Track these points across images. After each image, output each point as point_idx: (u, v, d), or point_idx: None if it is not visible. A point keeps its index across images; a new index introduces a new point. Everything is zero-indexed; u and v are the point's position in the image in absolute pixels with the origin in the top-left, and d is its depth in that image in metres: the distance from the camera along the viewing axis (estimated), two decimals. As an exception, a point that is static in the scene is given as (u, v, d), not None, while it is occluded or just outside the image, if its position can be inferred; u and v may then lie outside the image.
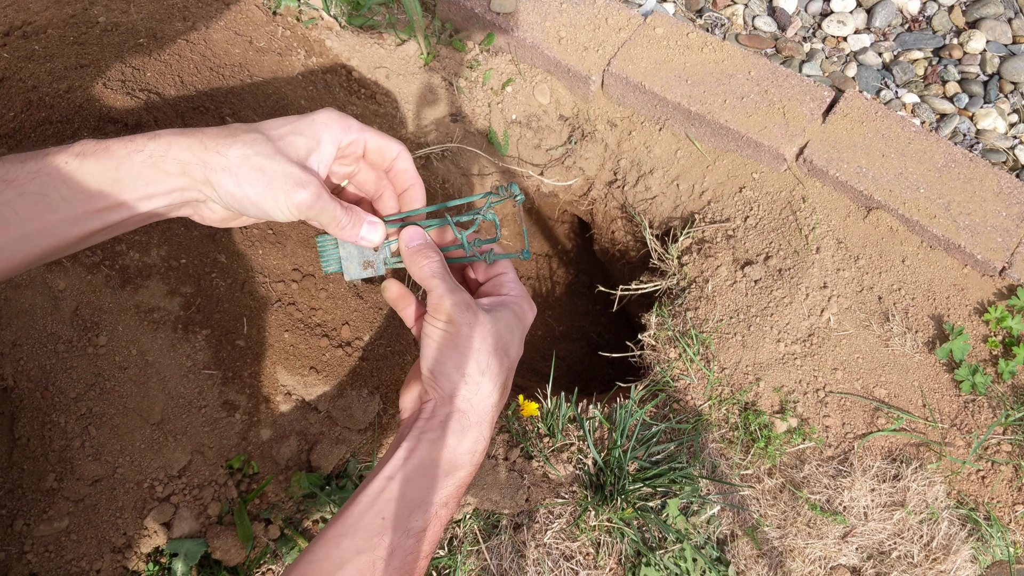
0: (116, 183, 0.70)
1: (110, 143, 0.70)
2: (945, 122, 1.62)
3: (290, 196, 0.74)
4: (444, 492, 0.75)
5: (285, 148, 0.75)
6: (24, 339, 1.13)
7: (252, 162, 0.72)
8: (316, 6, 1.49)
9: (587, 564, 1.21)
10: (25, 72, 1.16)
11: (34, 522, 1.11)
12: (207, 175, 0.72)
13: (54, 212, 0.68)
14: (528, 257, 0.89)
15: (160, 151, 0.71)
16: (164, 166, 0.71)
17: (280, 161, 0.74)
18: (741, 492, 1.27)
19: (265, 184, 0.73)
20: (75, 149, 0.69)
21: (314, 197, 0.75)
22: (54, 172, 0.68)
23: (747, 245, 1.45)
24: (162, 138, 0.71)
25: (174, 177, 0.72)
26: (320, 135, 0.78)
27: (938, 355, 1.35)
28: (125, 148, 0.70)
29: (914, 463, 1.28)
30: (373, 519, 0.72)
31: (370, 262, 0.86)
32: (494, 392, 0.78)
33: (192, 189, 0.73)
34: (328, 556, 0.70)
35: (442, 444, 0.75)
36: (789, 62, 1.70)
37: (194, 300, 1.22)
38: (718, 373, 1.36)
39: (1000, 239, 1.37)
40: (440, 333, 0.77)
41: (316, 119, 0.78)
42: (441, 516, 0.75)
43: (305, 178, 0.74)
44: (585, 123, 1.61)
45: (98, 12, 1.25)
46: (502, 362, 0.79)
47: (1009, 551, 1.23)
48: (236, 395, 1.23)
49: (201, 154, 0.72)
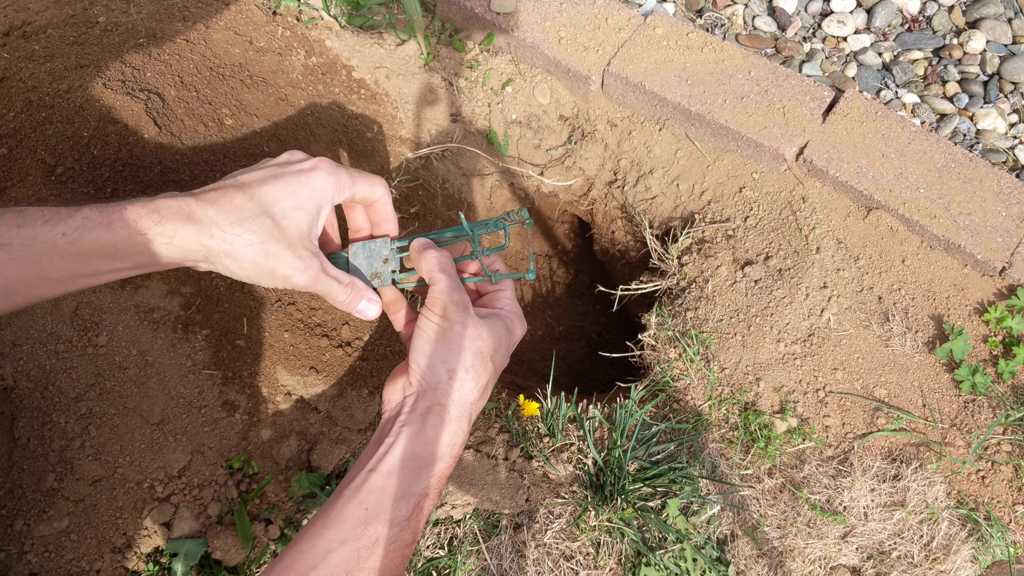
0: (113, 258, 0.72)
1: (112, 218, 0.71)
2: (945, 122, 1.62)
3: (289, 280, 0.79)
4: (425, 483, 0.77)
5: (288, 229, 0.79)
6: (24, 339, 1.13)
7: (258, 248, 0.76)
8: (316, 6, 1.49)
9: (587, 564, 1.21)
10: (25, 72, 1.16)
11: (34, 522, 1.11)
12: (209, 258, 0.76)
13: (43, 277, 0.70)
14: (532, 277, 0.93)
15: (164, 239, 0.73)
16: (166, 251, 0.74)
17: (283, 247, 0.78)
18: (741, 492, 1.27)
19: (268, 269, 0.77)
20: (75, 222, 0.70)
21: (312, 280, 0.80)
22: (50, 244, 0.69)
23: (747, 245, 1.45)
24: (168, 224, 0.73)
25: (175, 253, 0.74)
26: (320, 204, 0.82)
27: (938, 355, 1.35)
28: (127, 229, 0.71)
29: (914, 463, 1.28)
30: (356, 510, 0.74)
31: (377, 273, 0.90)
32: (475, 391, 0.81)
33: (190, 263, 0.77)
34: (313, 547, 0.72)
35: (423, 437, 0.77)
36: (789, 62, 1.70)
37: (194, 300, 1.22)
38: (718, 373, 1.36)
39: (1000, 239, 1.37)
40: (434, 327, 0.79)
41: (314, 186, 0.82)
42: (424, 506, 0.77)
43: (304, 265, 0.79)
44: (585, 123, 1.61)
45: (98, 12, 1.25)
46: (486, 366, 0.81)
47: (1009, 551, 1.23)
48: (236, 395, 1.23)
49: (207, 242, 0.74)
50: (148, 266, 0.75)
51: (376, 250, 0.91)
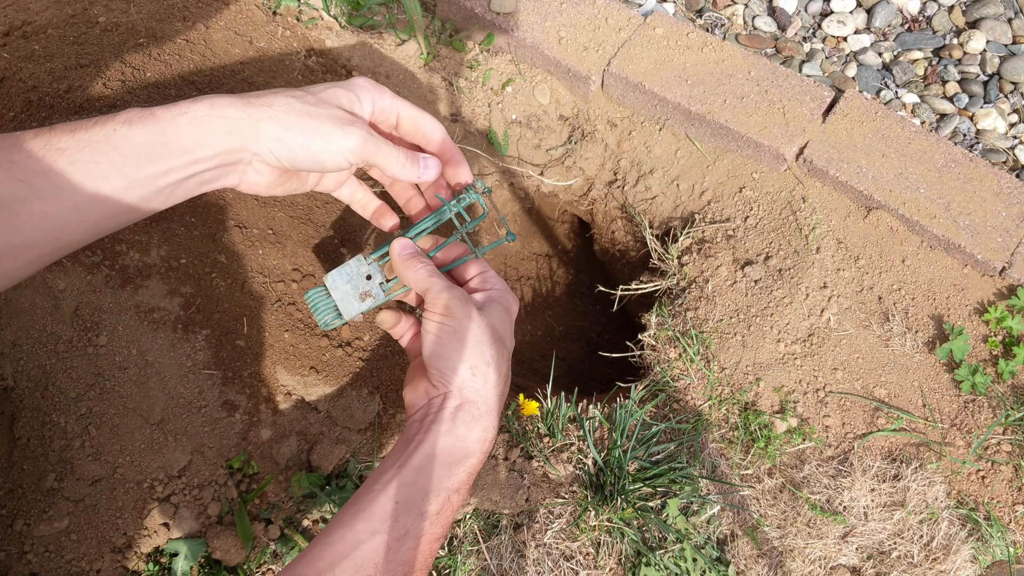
0: (164, 147, 0.70)
1: (155, 109, 0.71)
2: (945, 122, 1.62)
3: (342, 138, 0.75)
4: (456, 478, 0.77)
5: (328, 98, 0.77)
6: (24, 339, 1.13)
7: (297, 108, 0.74)
8: (316, 6, 1.49)
9: (587, 564, 1.21)
10: (25, 72, 1.16)
11: (34, 522, 1.11)
12: (254, 127, 0.73)
13: (105, 180, 0.68)
14: (513, 239, 0.91)
15: (204, 111, 0.72)
16: (209, 124, 0.72)
17: (325, 106, 0.75)
18: (741, 492, 1.27)
19: (314, 128, 0.74)
20: (122, 117, 0.70)
21: (366, 133, 0.76)
22: (104, 140, 0.68)
23: (747, 245, 1.45)
24: (205, 100, 0.72)
25: (220, 136, 0.72)
26: (359, 93, 0.80)
27: (938, 355, 1.35)
28: (169, 112, 0.71)
29: (914, 463, 1.28)
30: (386, 503, 0.73)
31: (367, 292, 0.87)
32: (499, 382, 0.80)
33: (238, 149, 0.74)
34: (343, 538, 0.72)
35: (453, 434, 0.77)
36: (789, 62, 1.70)
37: (194, 300, 1.22)
38: (718, 373, 1.36)
39: (1000, 239, 1.37)
40: (440, 327, 0.79)
41: (353, 81, 0.81)
42: (453, 501, 0.77)
43: (352, 118, 0.76)
44: (585, 123, 1.61)
45: (98, 12, 1.25)
46: (501, 352, 0.81)
47: (1009, 551, 1.23)
48: (236, 395, 1.23)
49: (245, 109, 0.73)
50: (199, 160, 0.72)
51: (354, 270, 0.88)
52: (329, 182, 0.88)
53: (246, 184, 0.79)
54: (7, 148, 0.65)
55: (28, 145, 0.66)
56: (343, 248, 0.91)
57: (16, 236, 0.65)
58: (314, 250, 1.35)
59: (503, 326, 0.82)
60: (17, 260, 0.66)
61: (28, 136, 0.67)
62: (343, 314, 0.87)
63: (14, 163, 0.65)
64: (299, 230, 1.34)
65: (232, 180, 0.77)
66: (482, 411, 0.78)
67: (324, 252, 1.37)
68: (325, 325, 0.88)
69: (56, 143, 0.67)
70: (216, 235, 1.26)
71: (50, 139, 0.67)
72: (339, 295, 0.87)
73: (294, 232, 1.33)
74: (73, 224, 0.68)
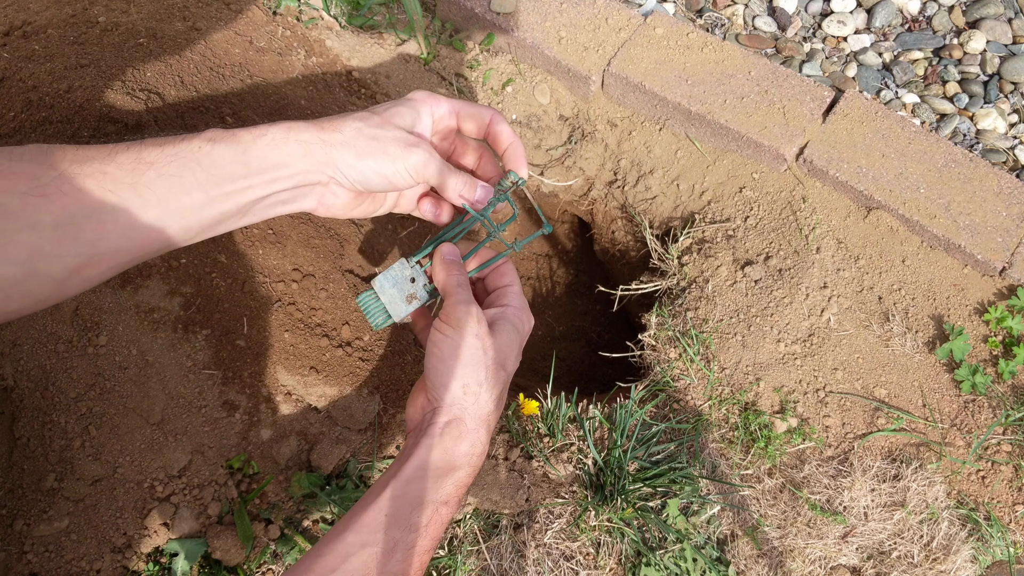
0: (244, 165, 0.74)
1: (236, 131, 0.75)
2: (945, 122, 1.62)
3: (406, 158, 0.79)
4: (444, 490, 0.79)
5: (392, 118, 0.81)
6: (24, 339, 1.13)
7: (366, 133, 0.78)
8: (316, 6, 1.49)
9: (587, 564, 1.21)
10: (25, 72, 1.16)
11: (34, 522, 1.11)
12: (328, 153, 0.77)
13: (188, 194, 0.71)
14: (550, 230, 0.95)
15: (281, 135, 0.75)
16: (287, 148, 0.75)
17: (391, 128, 0.80)
18: (741, 492, 1.27)
19: (381, 151, 0.78)
20: (207, 135, 0.73)
21: (428, 154, 0.81)
22: (189, 156, 0.71)
23: (747, 245, 1.45)
24: (282, 124, 0.76)
25: (297, 159, 0.76)
26: (419, 108, 0.84)
27: (938, 355, 1.35)
28: (250, 134, 0.75)
29: (914, 463, 1.28)
30: (376, 516, 0.75)
31: (413, 294, 0.92)
32: (490, 402, 0.83)
33: (315, 171, 0.78)
34: (333, 550, 0.74)
35: (441, 448, 0.80)
36: (789, 62, 1.70)
37: (194, 300, 1.22)
38: (718, 373, 1.36)
39: (1000, 239, 1.37)
40: (443, 339, 0.81)
41: (412, 96, 0.85)
42: (442, 513, 0.79)
43: (415, 140, 0.81)
44: (585, 123, 1.61)
45: (98, 12, 1.25)
46: (498, 375, 0.84)
47: (1009, 551, 1.23)
48: (236, 395, 1.23)
49: (319, 134, 0.77)
50: (276, 179, 0.76)
51: (399, 274, 0.92)
52: (405, 202, 0.92)
53: (324, 207, 0.83)
54: (101, 159, 0.68)
55: (120, 158, 0.69)
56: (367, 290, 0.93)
57: (102, 244, 0.68)
58: (315, 251, 1.35)
59: (508, 348, 0.85)
60: (100, 267, 0.69)
61: (121, 148, 0.70)
62: (393, 316, 0.93)
63: (106, 175, 0.68)
64: (299, 230, 1.34)
65: (309, 203, 0.81)
66: (470, 427, 0.81)
67: (325, 252, 1.37)
68: (377, 326, 0.94)
69: (146, 156, 0.70)
70: (216, 235, 1.26)
71: (140, 152, 0.70)
72: (387, 298, 0.92)
73: (294, 232, 1.33)
74: (155, 235, 0.71)
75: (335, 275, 1.36)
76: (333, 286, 1.34)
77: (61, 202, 0.65)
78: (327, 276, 1.34)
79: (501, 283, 0.92)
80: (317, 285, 1.33)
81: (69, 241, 0.66)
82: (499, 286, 0.92)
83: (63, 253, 0.65)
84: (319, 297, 1.32)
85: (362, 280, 1.40)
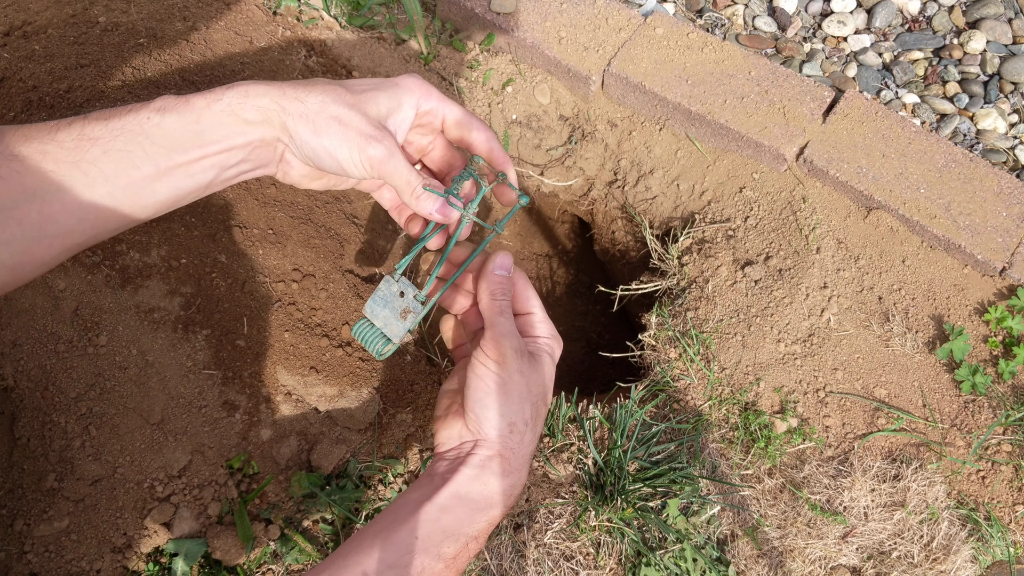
0: (197, 135, 0.70)
1: (190, 97, 0.70)
2: (945, 122, 1.62)
3: (364, 149, 0.73)
4: (477, 527, 0.75)
5: (365, 103, 0.74)
6: (24, 339, 1.13)
7: (330, 110, 0.72)
8: (316, 6, 1.49)
9: (587, 564, 1.21)
10: (25, 72, 1.16)
11: (34, 522, 1.11)
12: (284, 121, 0.72)
13: (137, 168, 0.68)
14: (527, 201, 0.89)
15: (238, 99, 0.70)
16: (243, 114, 0.71)
17: (358, 114, 0.73)
18: (741, 492, 1.27)
19: (341, 134, 0.72)
20: (156, 104, 0.69)
21: (387, 153, 0.74)
22: (137, 128, 0.68)
23: (747, 245, 1.45)
24: (239, 87, 0.71)
25: (254, 126, 0.71)
26: (402, 98, 0.77)
27: (938, 355, 1.35)
28: (204, 99, 0.70)
29: (914, 463, 1.28)
30: (407, 536, 0.72)
31: (406, 309, 0.86)
32: (533, 441, 0.80)
33: (272, 140, 0.73)
34: (359, 564, 0.71)
35: (480, 482, 0.76)
36: (789, 62, 1.70)
37: (194, 300, 1.22)
38: (718, 373, 1.36)
39: (1000, 239, 1.37)
40: (492, 376, 0.77)
41: (400, 82, 0.78)
42: (471, 548, 0.75)
43: (381, 134, 0.74)
44: (585, 123, 1.61)
45: (98, 12, 1.25)
46: (541, 411, 0.80)
47: (1009, 551, 1.23)
48: (236, 395, 1.23)
49: (280, 100, 0.71)
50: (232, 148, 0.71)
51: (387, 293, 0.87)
52: (368, 183, 0.86)
53: (283, 175, 0.79)
54: (40, 139, 0.65)
55: (61, 135, 0.66)
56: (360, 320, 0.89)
57: (50, 226, 0.65)
58: (315, 250, 1.35)
59: (549, 382, 0.82)
60: (52, 249, 0.66)
61: (62, 125, 0.66)
62: (392, 338, 0.87)
63: (46, 153, 0.65)
64: (299, 230, 1.34)
65: (271, 170, 0.77)
66: (513, 467, 0.77)
67: (325, 252, 1.37)
68: (380, 355, 0.88)
69: (89, 132, 0.67)
70: (216, 235, 1.26)
71: (83, 128, 0.67)
72: (382, 321, 0.87)
73: (294, 232, 1.33)
74: (107, 213, 0.68)
75: (335, 275, 1.36)
76: (333, 286, 1.34)
77: (0, 186, 0.63)
78: (327, 276, 1.34)
79: (525, 310, 0.86)
80: (317, 285, 1.33)
81: (13, 226, 0.63)
82: (523, 312, 0.86)
83: (9, 239, 0.63)
84: (319, 297, 1.32)
85: (362, 280, 1.40)
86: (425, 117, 0.81)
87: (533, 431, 0.79)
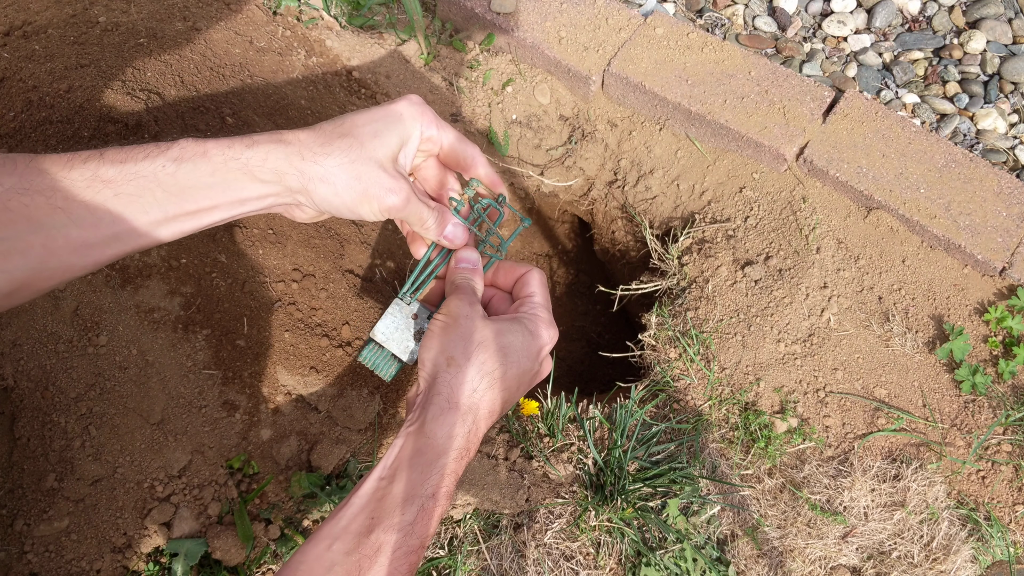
0: (210, 188, 0.71)
1: (208, 147, 0.72)
2: (945, 122, 1.62)
3: (383, 201, 0.77)
4: (431, 483, 0.74)
5: (377, 150, 0.77)
6: (24, 339, 1.13)
7: (348, 170, 0.75)
8: (316, 6, 1.49)
9: (587, 564, 1.21)
10: (25, 72, 1.16)
11: (34, 522, 1.11)
12: (304, 184, 0.74)
13: (146, 214, 0.70)
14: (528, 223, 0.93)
15: (257, 160, 0.72)
16: (260, 175, 0.73)
17: (373, 168, 0.76)
18: (741, 492, 1.27)
19: (361, 192, 0.76)
20: (173, 152, 0.70)
21: (404, 201, 0.78)
22: (150, 175, 0.69)
23: (747, 245, 1.45)
24: (260, 147, 0.73)
25: (268, 185, 0.73)
26: (408, 132, 0.81)
27: (938, 355, 1.35)
28: (223, 155, 0.72)
29: (914, 463, 1.28)
30: (363, 520, 0.72)
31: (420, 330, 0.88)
32: (479, 383, 0.77)
33: (285, 196, 0.75)
34: (319, 558, 0.71)
35: (421, 432, 0.75)
36: (789, 62, 1.70)
37: (194, 300, 1.22)
38: (718, 373, 1.36)
39: (1000, 239, 1.37)
40: (439, 324, 0.79)
41: (403, 115, 0.81)
42: (429, 509, 0.74)
43: (396, 185, 0.78)
44: (585, 123, 1.61)
45: (98, 12, 1.25)
46: (494, 359, 0.78)
47: (1009, 551, 1.23)
48: (236, 395, 1.23)
49: (298, 164, 0.74)
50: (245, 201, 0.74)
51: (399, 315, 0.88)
52: None
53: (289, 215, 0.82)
54: (54, 174, 0.67)
55: (74, 173, 0.67)
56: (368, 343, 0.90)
57: (52, 260, 0.67)
58: (315, 250, 1.35)
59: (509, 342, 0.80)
60: (52, 280, 0.68)
61: (77, 162, 0.68)
62: (404, 358, 0.88)
63: (56, 191, 0.66)
64: (299, 230, 1.34)
65: (276, 211, 0.80)
66: (450, 404, 0.75)
67: (325, 252, 1.37)
68: (390, 377, 0.89)
69: (103, 174, 0.68)
70: (216, 235, 1.26)
71: (98, 169, 0.68)
72: (397, 344, 0.88)
73: (294, 232, 1.33)
74: (109, 251, 0.70)
75: (335, 275, 1.36)
76: (333, 286, 1.34)
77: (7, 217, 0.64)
78: (327, 276, 1.34)
79: (523, 292, 0.89)
80: (317, 285, 1.33)
81: (16, 257, 0.65)
82: (522, 296, 0.88)
83: (11, 269, 0.64)
84: (319, 297, 1.32)
85: (362, 280, 1.40)
86: (425, 144, 0.84)
87: (479, 371, 0.77)
